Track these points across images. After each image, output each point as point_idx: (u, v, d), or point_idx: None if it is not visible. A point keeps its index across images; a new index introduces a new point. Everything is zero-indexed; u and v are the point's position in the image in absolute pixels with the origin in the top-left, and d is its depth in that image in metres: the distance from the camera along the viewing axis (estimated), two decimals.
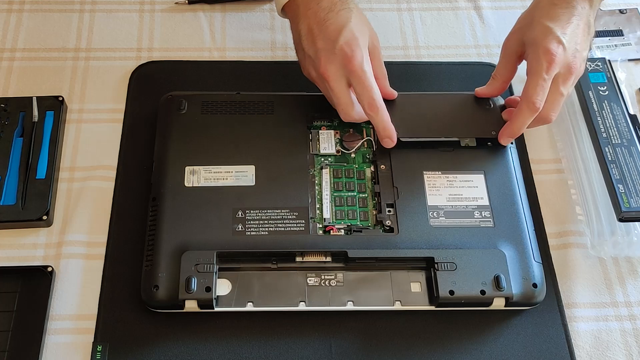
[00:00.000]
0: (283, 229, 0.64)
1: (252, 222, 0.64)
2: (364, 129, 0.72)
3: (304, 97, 0.73)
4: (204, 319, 0.63)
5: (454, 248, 0.63)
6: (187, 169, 0.67)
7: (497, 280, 0.62)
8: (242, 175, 0.67)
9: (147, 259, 0.63)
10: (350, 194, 0.68)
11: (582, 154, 0.73)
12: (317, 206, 0.67)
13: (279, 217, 0.65)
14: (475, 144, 0.70)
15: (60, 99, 0.74)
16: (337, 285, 0.63)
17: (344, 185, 0.68)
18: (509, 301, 0.62)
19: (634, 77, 0.80)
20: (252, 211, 0.65)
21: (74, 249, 0.67)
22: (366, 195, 0.68)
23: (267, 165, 0.68)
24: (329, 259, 0.64)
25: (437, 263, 0.62)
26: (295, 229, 0.64)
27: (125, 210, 0.69)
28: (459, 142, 0.70)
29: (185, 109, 0.71)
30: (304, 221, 0.65)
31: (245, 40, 0.82)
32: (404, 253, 0.63)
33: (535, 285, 0.63)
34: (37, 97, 0.74)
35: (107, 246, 0.67)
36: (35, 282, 0.64)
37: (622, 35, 0.83)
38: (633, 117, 0.73)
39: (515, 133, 0.68)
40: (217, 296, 0.62)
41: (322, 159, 0.70)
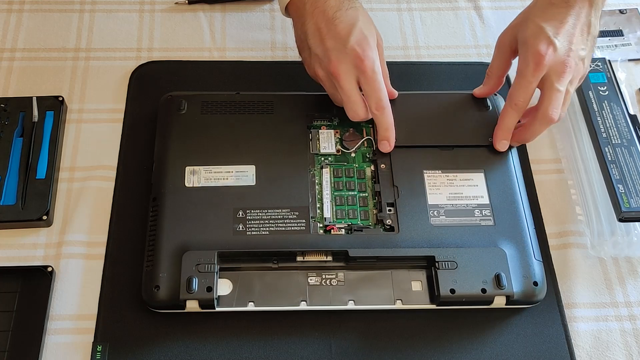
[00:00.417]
0: (284, 228, 0.64)
1: (252, 222, 0.64)
2: (364, 129, 0.72)
3: (304, 97, 0.73)
4: (205, 319, 0.63)
5: (455, 247, 0.63)
6: (188, 169, 0.67)
7: (497, 279, 0.62)
8: (243, 175, 0.67)
9: (147, 259, 0.63)
10: (350, 193, 0.68)
11: (582, 154, 0.73)
12: (318, 206, 0.67)
13: (279, 216, 0.65)
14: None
15: (60, 99, 0.74)
16: (338, 284, 0.63)
17: (345, 184, 0.68)
18: (509, 299, 0.62)
19: (634, 77, 0.80)
20: (252, 211, 0.65)
21: (74, 249, 0.67)
22: (366, 194, 0.68)
23: (267, 165, 0.68)
24: (329, 258, 0.64)
25: (437, 262, 0.62)
26: (296, 228, 0.64)
27: (125, 210, 0.69)
28: None
29: (185, 109, 0.71)
30: (304, 221, 0.65)
31: (245, 40, 0.82)
32: (404, 252, 0.63)
33: (535, 284, 0.63)
34: (37, 97, 0.74)
35: (107, 246, 0.67)
36: (35, 282, 0.64)
37: (622, 35, 0.83)
38: (633, 117, 0.73)
39: (506, 135, 0.68)
40: (218, 296, 0.62)
41: (322, 159, 0.70)
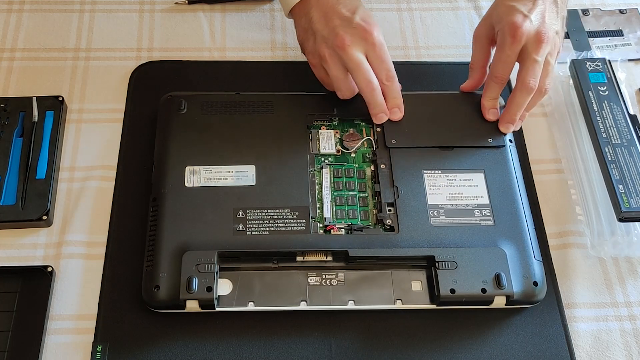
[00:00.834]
0: (284, 228, 0.64)
1: (252, 222, 0.64)
2: (364, 129, 0.72)
3: (304, 97, 0.73)
4: (205, 319, 0.63)
5: (455, 247, 0.63)
6: (188, 169, 0.67)
7: (497, 279, 0.62)
8: (243, 175, 0.67)
9: (148, 259, 0.63)
10: (350, 193, 0.68)
11: (582, 154, 0.73)
12: (318, 206, 0.67)
13: (279, 216, 0.65)
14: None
15: (60, 99, 0.74)
16: (338, 284, 0.63)
17: (344, 184, 0.68)
18: (509, 299, 0.62)
19: (634, 77, 0.80)
20: (252, 211, 0.65)
21: (74, 249, 0.67)
22: (366, 194, 0.68)
23: (267, 165, 0.68)
24: (329, 258, 0.63)
25: (437, 262, 0.62)
26: (296, 228, 0.64)
27: (125, 210, 0.69)
28: None
29: (185, 109, 0.71)
30: (304, 221, 0.65)
31: (245, 40, 0.82)
32: (404, 252, 0.63)
33: (535, 284, 0.63)
34: (37, 97, 0.74)
35: (107, 246, 0.67)
36: (35, 282, 0.64)
37: (622, 35, 0.83)
38: (633, 117, 0.73)
39: (493, 103, 0.70)
40: (218, 296, 0.62)
41: (322, 159, 0.70)
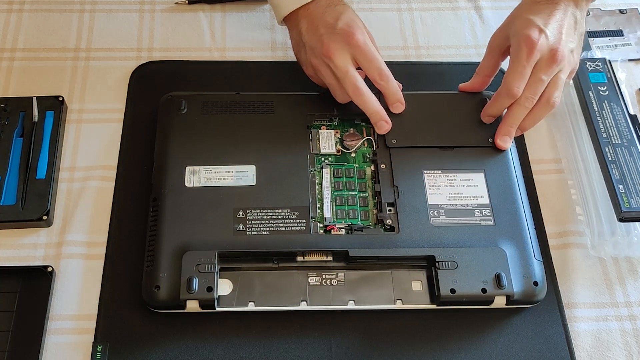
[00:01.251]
0: (284, 228, 0.64)
1: (253, 222, 0.64)
2: (364, 129, 0.72)
3: (304, 97, 0.73)
4: (205, 319, 0.63)
5: (455, 247, 0.63)
6: (188, 169, 0.67)
7: (498, 279, 0.62)
8: (243, 175, 0.67)
9: (148, 260, 0.63)
10: (350, 193, 0.68)
11: (582, 154, 0.73)
12: (318, 206, 0.67)
13: (279, 216, 0.65)
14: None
15: (60, 99, 0.74)
16: (338, 284, 0.63)
17: (345, 184, 0.68)
18: (510, 299, 0.62)
19: (634, 77, 0.80)
20: (252, 211, 0.65)
21: (74, 249, 0.67)
22: (367, 194, 0.68)
23: (267, 165, 0.68)
24: (330, 258, 0.63)
25: (438, 262, 0.62)
26: (296, 228, 0.64)
27: (125, 210, 0.69)
28: None
29: (185, 109, 0.71)
30: (304, 221, 0.65)
31: (245, 40, 0.82)
32: (404, 252, 0.63)
33: (536, 283, 0.63)
34: (37, 97, 0.74)
35: (107, 246, 0.67)
36: (35, 282, 0.64)
37: (622, 35, 0.83)
38: (633, 117, 0.73)
39: (494, 113, 0.69)
40: (219, 296, 0.62)
41: (323, 159, 0.70)
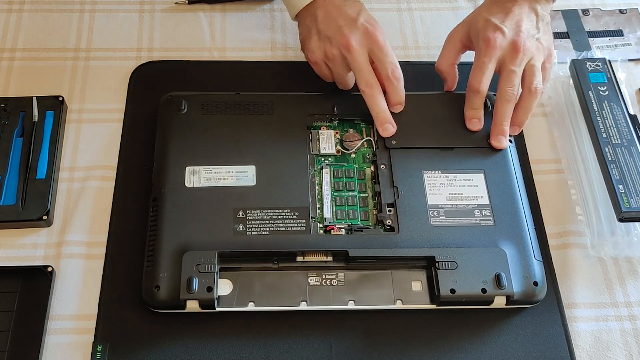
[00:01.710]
0: (284, 228, 0.64)
1: (253, 222, 0.64)
2: (364, 129, 0.72)
3: (303, 97, 0.73)
4: (205, 319, 0.63)
5: (455, 247, 0.63)
6: (188, 169, 0.67)
7: (498, 279, 0.62)
8: (243, 175, 0.67)
9: (148, 260, 0.63)
10: (350, 193, 0.68)
11: (582, 154, 0.73)
12: (318, 206, 0.67)
13: (279, 217, 0.65)
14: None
15: (60, 99, 0.74)
16: (338, 284, 0.63)
17: (345, 185, 0.68)
18: (509, 299, 0.62)
19: (634, 77, 0.80)
20: (252, 211, 0.65)
21: (74, 249, 0.67)
22: (367, 194, 0.68)
23: (267, 165, 0.68)
24: (329, 258, 0.63)
25: (438, 262, 0.62)
26: (296, 228, 0.64)
27: (125, 210, 0.69)
28: None
29: (185, 109, 0.71)
30: (304, 221, 0.65)
31: (245, 40, 0.82)
32: (404, 252, 0.63)
33: (536, 284, 0.63)
34: (37, 97, 0.74)
35: (107, 246, 0.67)
36: (35, 282, 0.64)
37: (622, 35, 0.84)
38: (633, 117, 0.73)
39: (476, 114, 0.71)
40: (219, 296, 0.62)
41: (322, 159, 0.70)
